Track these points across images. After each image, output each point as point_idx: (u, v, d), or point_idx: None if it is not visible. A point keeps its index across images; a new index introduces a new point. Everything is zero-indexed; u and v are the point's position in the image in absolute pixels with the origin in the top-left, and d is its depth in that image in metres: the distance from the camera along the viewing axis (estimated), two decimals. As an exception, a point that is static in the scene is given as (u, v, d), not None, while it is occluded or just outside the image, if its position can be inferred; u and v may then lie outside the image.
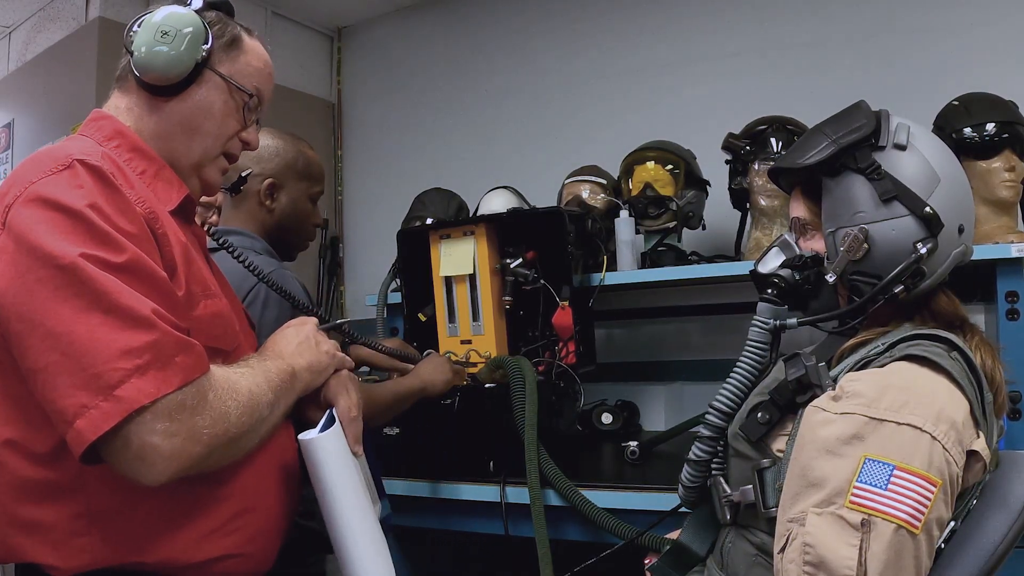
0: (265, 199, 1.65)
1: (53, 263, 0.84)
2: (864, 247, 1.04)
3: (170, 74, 1.06)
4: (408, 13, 3.28)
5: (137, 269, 0.89)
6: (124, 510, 0.93)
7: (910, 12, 2.36)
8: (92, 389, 0.82)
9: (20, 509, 0.92)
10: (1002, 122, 1.78)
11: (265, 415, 0.98)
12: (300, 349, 1.09)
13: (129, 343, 0.84)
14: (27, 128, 2.90)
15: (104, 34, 2.55)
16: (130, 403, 0.82)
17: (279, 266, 1.58)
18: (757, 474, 1.02)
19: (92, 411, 0.82)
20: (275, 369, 1.03)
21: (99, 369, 0.82)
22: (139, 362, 0.83)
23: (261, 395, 0.97)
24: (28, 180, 0.91)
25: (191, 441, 0.86)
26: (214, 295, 1.06)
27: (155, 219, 0.97)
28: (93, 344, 0.83)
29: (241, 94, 1.13)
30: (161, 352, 0.85)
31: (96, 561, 0.93)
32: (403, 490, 1.78)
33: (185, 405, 0.86)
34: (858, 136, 1.06)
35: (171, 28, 1.05)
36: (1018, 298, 1.63)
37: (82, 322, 0.83)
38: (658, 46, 2.74)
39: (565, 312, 1.89)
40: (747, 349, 1.12)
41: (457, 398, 1.72)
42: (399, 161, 3.25)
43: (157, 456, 0.84)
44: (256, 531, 1.04)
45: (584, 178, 2.37)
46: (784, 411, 1.04)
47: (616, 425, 2.20)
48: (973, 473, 0.94)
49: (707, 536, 1.18)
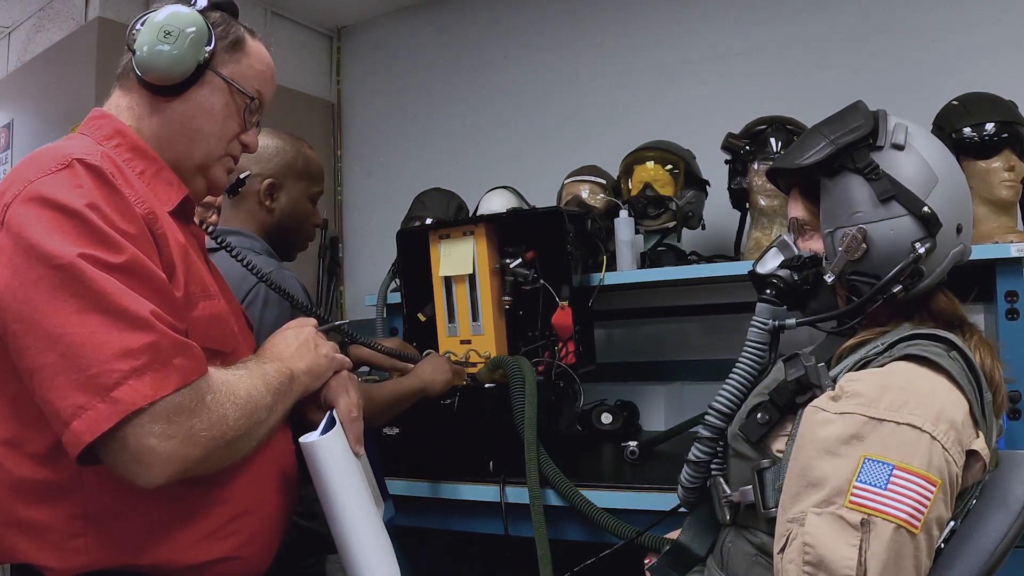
0: (265, 199, 1.65)
1: (51, 263, 0.84)
2: (862, 247, 1.04)
3: (172, 74, 1.05)
4: (408, 13, 3.28)
5: (136, 270, 0.88)
6: (122, 511, 0.93)
7: (910, 12, 2.36)
8: (89, 390, 0.82)
9: (17, 509, 0.92)
10: (1002, 122, 1.78)
11: (263, 418, 0.98)
12: (299, 352, 1.09)
13: (127, 344, 0.83)
14: (27, 128, 2.90)
15: (104, 34, 2.55)
16: (127, 405, 0.82)
17: (279, 266, 1.58)
18: (757, 474, 1.02)
19: (89, 412, 0.81)
20: (273, 372, 1.02)
21: (97, 370, 0.82)
22: (137, 364, 0.83)
23: (259, 398, 0.97)
24: (27, 179, 0.90)
25: (188, 443, 0.86)
26: (213, 296, 1.06)
27: (154, 219, 0.96)
28: (91, 345, 0.82)
29: (243, 97, 1.13)
30: (159, 354, 0.85)
31: (93, 562, 0.93)
32: (403, 490, 1.78)
33: (183, 407, 0.86)
34: (856, 136, 1.06)
35: (174, 28, 1.05)
36: (1017, 298, 1.63)
37: (80, 323, 0.83)
38: (658, 46, 2.74)
39: (565, 312, 1.89)
40: (746, 349, 1.12)
41: (457, 398, 1.72)
42: (399, 161, 3.25)
43: (154, 458, 0.84)
44: (254, 534, 1.04)
45: (584, 178, 2.37)
46: (784, 411, 1.04)
47: (616, 425, 2.20)
48: (972, 473, 0.94)
49: (707, 536, 1.18)
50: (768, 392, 1.06)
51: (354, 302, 3.29)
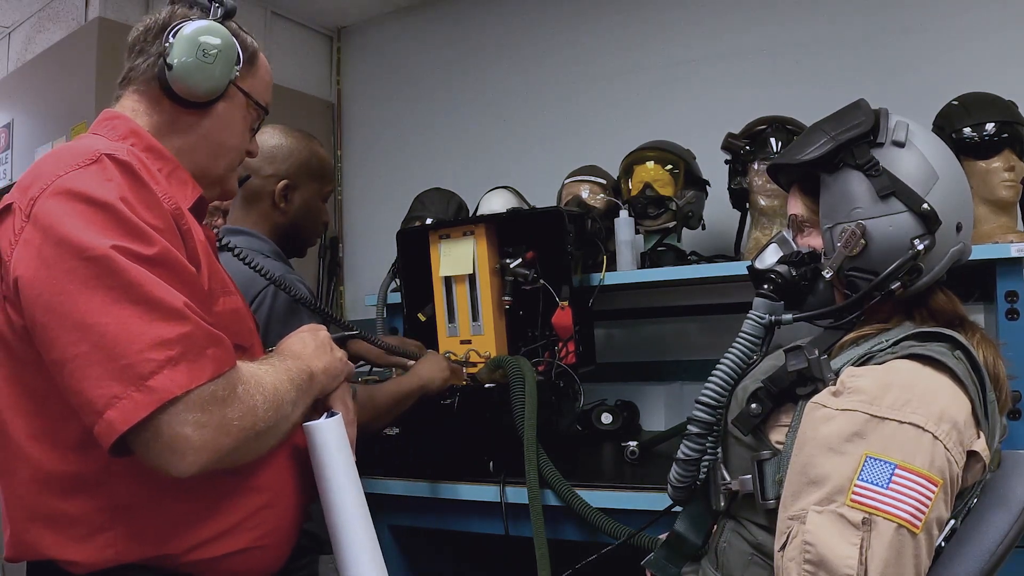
0: (280, 201, 1.64)
1: (84, 254, 0.84)
2: (861, 243, 1.04)
3: (206, 92, 1.06)
4: (408, 13, 3.28)
5: (167, 262, 0.89)
6: (148, 504, 0.93)
7: (910, 12, 2.35)
8: (124, 379, 0.82)
9: (43, 502, 0.92)
10: (1002, 122, 1.78)
11: (288, 412, 0.98)
12: (317, 352, 1.09)
13: (161, 334, 0.84)
14: (27, 128, 2.90)
15: (104, 34, 2.54)
16: (163, 393, 0.82)
17: (287, 270, 1.58)
18: (757, 465, 1.02)
19: (124, 401, 0.81)
20: (295, 368, 1.03)
21: (131, 360, 0.82)
22: (171, 353, 0.83)
23: (284, 392, 0.97)
24: (55, 174, 0.91)
25: (221, 432, 0.86)
26: (231, 292, 1.08)
27: (180, 215, 0.98)
28: (125, 335, 0.83)
29: (257, 110, 1.15)
30: (193, 344, 0.86)
31: (119, 556, 0.93)
32: (403, 490, 1.78)
33: (216, 396, 0.86)
34: (856, 132, 1.06)
35: (212, 47, 1.05)
36: (1018, 298, 1.63)
37: (113, 313, 0.83)
38: (658, 46, 2.74)
39: (565, 312, 1.89)
40: (738, 341, 1.12)
41: (457, 398, 1.72)
42: (399, 161, 3.25)
43: (188, 447, 0.84)
44: (275, 525, 1.05)
45: (584, 178, 2.37)
46: (778, 401, 1.03)
47: (616, 425, 2.20)
48: (973, 473, 0.94)
49: (704, 525, 1.18)
50: (763, 381, 1.05)
51: (354, 302, 3.29)
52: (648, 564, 1.21)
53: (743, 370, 1.12)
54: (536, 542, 1.54)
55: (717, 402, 1.11)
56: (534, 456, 1.61)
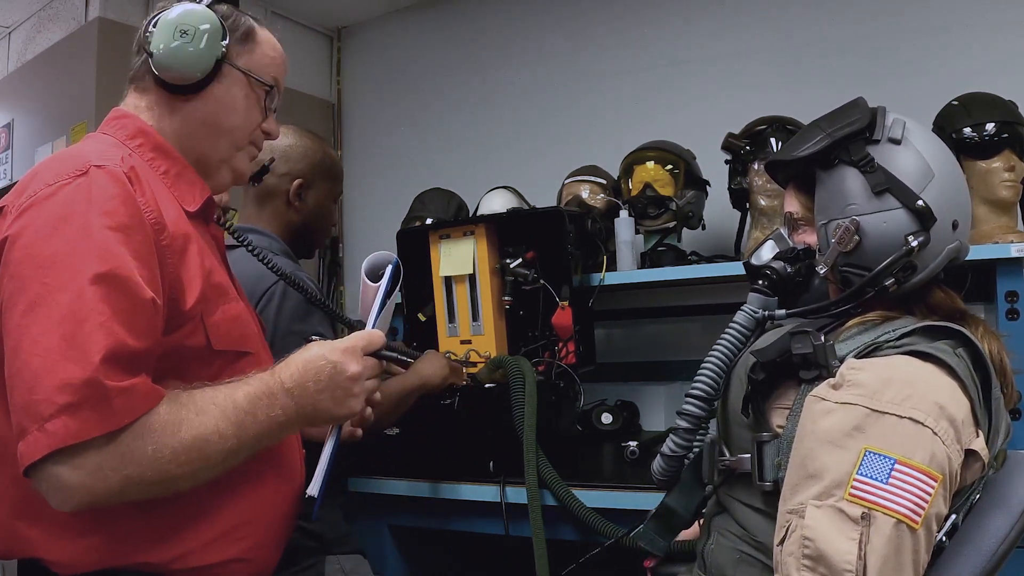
0: (294, 200, 1.66)
1: (39, 274, 0.86)
2: (855, 239, 1.04)
3: (191, 72, 1.06)
4: (408, 13, 3.28)
5: (118, 281, 0.88)
6: (132, 511, 0.93)
7: (910, 14, 2.35)
8: (32, 416, 0.84)
9: (30, 502, 0.92)
10: (1002, 122, 1.78)
11: (216, 461, 0.93)
12: (334, 397, 1.00)
13: (70, 377, 0.83)
14: (27, 128, 2.89)
15: (104, 34, 2.54)
16: (54, 440, 0.82)
17: (297, 268, 1.59)
18: (756, 446, 1.01)
19: (28, 437, 0.83)
20: (275, 410, 0.96)
21: (40, 396, 0.83)
22: (71, 400, 0.83)
23: (215, 443, 0.91)
24: (45, 182, 0.92)
25: (98, 479, 0.85)
26: (232, 299, 1.06)
27: (161, 229, 0.96)
28: (44, 368, 0.84)
29: (261, 86, 1.14)
30: (97, 392, 0.84)
31: (102, 560, 0.94)
32: (403, 490, 1.78)
33: (106, 449, 0.85)
34: (852, 129, 1.06)
35: (189, 26, 1.04)
36: (1018, 298, 1.63)
37: (41, 343, 0.84)
38: (659, 46, 2.74)
39: (565, 312, 1.89)
40: (728, 331, 1.11)
41: (457, 398, 1.72)
42: (399, 161, 3.25)
43: (63, 486, 0.85)
44: (261, 539, 1.05)
45: (584, 178, 2.37)
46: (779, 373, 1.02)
47: (616, 425, 2.19)
48: (972, 472, 0.94)
49: (694, 499, 1.16)
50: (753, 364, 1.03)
51: (354, 302, 3.29)
52: (637, 536, 1.19)
53: (733, 362, 1.11)
54: (535, 543, 1.54)
55: (708, 395, 1.10)
56: (533, 457, 1.61)
